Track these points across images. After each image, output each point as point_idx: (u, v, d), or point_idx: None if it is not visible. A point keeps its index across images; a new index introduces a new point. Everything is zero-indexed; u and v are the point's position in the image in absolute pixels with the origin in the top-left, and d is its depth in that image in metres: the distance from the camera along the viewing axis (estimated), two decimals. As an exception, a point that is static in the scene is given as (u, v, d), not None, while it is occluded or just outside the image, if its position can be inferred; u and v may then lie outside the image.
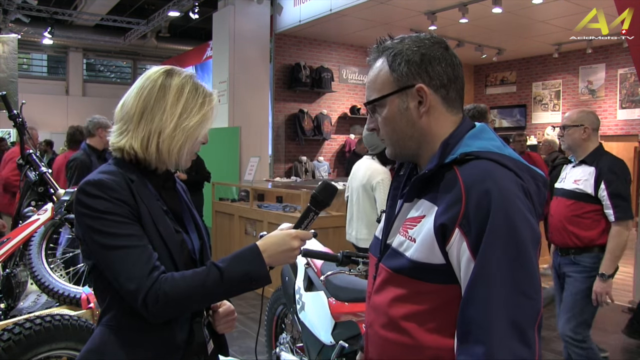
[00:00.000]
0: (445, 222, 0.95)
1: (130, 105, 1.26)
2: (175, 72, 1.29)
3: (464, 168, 0.98)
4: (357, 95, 10.06)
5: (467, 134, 1.05)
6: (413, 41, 1.06)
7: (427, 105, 1.04)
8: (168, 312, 1.16)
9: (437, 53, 1.05)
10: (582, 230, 2.78)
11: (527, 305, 0.90)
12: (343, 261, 2.13)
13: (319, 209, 1.34)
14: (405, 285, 1.03)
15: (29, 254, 2.74)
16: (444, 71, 1.04)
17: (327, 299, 2.45)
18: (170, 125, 1.24)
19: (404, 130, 1.07)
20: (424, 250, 0.99)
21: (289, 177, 8.40)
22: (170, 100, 1.25)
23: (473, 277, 0.92)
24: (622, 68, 9.34)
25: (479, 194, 0.93)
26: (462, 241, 0.93)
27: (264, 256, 1.21)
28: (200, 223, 1.41)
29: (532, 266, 0.92)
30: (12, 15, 9.79)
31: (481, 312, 0.90)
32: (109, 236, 1.15)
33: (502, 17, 7.46)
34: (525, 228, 0.92)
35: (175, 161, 1.28)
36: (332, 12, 7.40)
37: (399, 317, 1.03)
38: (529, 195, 0.97)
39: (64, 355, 2.16)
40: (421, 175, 1.03)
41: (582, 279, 2.78)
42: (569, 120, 2.86)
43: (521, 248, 0.91)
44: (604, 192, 2.69)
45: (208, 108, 1.29)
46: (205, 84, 1.33)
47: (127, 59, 16.10)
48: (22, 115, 3.21)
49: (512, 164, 0.98)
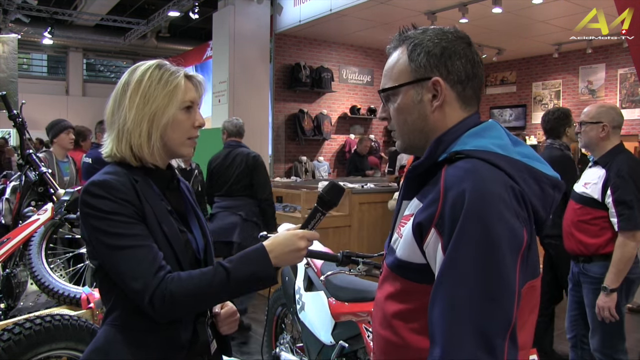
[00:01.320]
0: (421, 221, 0.94)
1: (106, 112, 1.29)
2: (139, 66, 1.29)
3: (451, 168, 0.95)
4: (357, 95, 10.05)
5: (468, 131, 1.01)
6: (436, 33, 1.04)
7: (440, 99, 1.02)
8: (174, 312, 1.16)
9: (458, 48, 1.02)
10: (589, 237, 2.58)
11: (497, 313, 0.84)
12: (343, 261, 2.13)
13: (326, 209, 1.32)
14: (396, 282, 1.03)
15: (29, 254, 2.74)
16: (463, 67, 1.02)
17: (327, 299, 2.45)
18: (130, 117, 1.23)
19: (415, 122, 1.05)
20: (406, 248, 0.98)
21: (289, 177, 8.40)
22: (129, 94, 1.25)
23: (439, 275, 0.89)
24: (622, 68, 9.34)
25: (455, 194, 0.89)
26: (438, 242, 0.90)
27: (270, 256, 1.21)
28: (205, 223, 1.41)
29: (505, 272, 0.85)
30: (12, 15, 9.78)
31: (442, 313, 0.86)
32: (114, 236, 1.15)
33: (502, 17, 7.45)
34: (502, 230, 0.86)
35: (154, 152, 1.25)
36: (332, 12, 7.39)
37: (390, 314, 1.03)
38: (522, 199, 0.91)
39: (64, 355, 2.16)
40: (410, 172, 1.03)
41: (593, 290, 2.59)
42: (587, 116, 2.63)
43: (494, 251, 0.85)
44: (609, 198, 2.49)
45: (173, 85, 1.25)
46: (172, 65, 1.30)
47: (127, 59, 16.09)
48: (22, 115, 3.21)
49: (506, 164, 0.93)
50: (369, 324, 2.22)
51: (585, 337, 2.81)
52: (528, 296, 0.96)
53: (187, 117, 1.28)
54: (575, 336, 2.88)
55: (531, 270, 0.96)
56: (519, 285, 0.87)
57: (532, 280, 0.98)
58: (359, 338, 2.28)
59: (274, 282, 1.23)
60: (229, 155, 4.22)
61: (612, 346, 2.59)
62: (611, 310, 2.49)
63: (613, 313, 2.49)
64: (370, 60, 10.16)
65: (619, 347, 2.60)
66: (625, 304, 2.64)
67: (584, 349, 2.85)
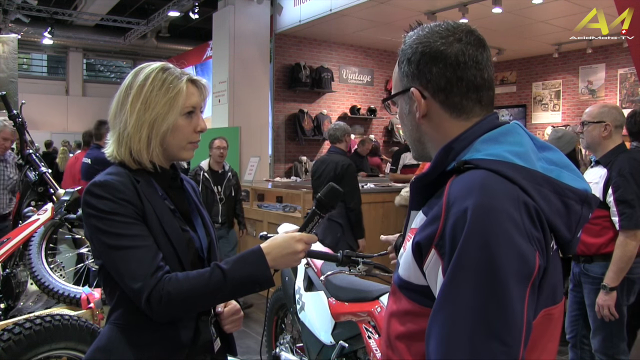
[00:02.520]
0: (420, 241, 0.84)
1: (110, 113, 1.29)
2: (143, 69, 1.29)
3: (456, 180, 0.84)
4: (357, 95, 10.05)
5: (482, 136, 0.89)
6: (419, 36, 0.94)
7: (421, 111, 0.93)
8: (171, 312, 1.16)
9: (438, 51, 0.90)
10: (590, 237, 2.57)
11: (499, 351, 0.73)
12: (343, 261, 2.13)
13: (324, 212, 1.32)
14: (400, 301, 0.93)
15: (29, 254, 2.74)
16: (442, 73, 0.90)
17: (327, 299, 2.45)
18: (130, 122, 1.24)
19: (412, 133, 0.98)
20: (406, 267, 0.90)
21: (289, 177, 8.39)
22: (131, 98, 1.25)
23: (437, 302, 0.78)
24: (622, 68, 9.34)
25: (457, 212, 0.78)
26: (438, 264, 0.81)
27: (267, 259, 1.21)
28: (209, 221, 1.41)
29: (510, 304, 0.74)
30: (12, 15, 9.78)
31: (438, 348, 0.76)
32: (114, 236, 1.16)
33: (502, 17, 7.45)
34: (508, 255, 0.74)
35: (153, 156, 1.26)
36: (332, 12, 7.39)
37: (394, 336, 0.94)
38: (537, 217, 0.80)
39: (64, 355, 2.16)
40: (416, 183, 0.94)
41: (593, 290, 2.58)
42: (589, 116, 2.61)
43: (497, 280, 0.74)
44: (610, 197, 2.49)
45: (174, 92, 1.25)
46: (177, 70, 1.30)
47: (127, 59, 16.10)
48: (22, 115, 3.21)
49: (520, 176, 0.81)
50: (369, 324, 2.22)
51: (585, 338, 2.81)
52: (543, 325, 0.85)
53: (188, 123, 1.28)
54: (575, 336, 2.88)
55: (548, 296, 0.85)
56: (529, 318, 0.77)
57: (550, 308, 0.86)
58: (359, 338, 2.28)
59: (271, 284, 1.23)
60: (325, 161, 4.35)
61: (613, 346, 2.59)
62: (611, 308, 2.49)
63: (613, 311, 2.50)
64: (370, 60, 10.15)
65: (620, 347, 2.60)
66: (626, 304, 2.64)
67: (583, 349, 2.84)
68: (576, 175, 0.90)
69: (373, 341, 2.15)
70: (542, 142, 0.94)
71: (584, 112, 2.72)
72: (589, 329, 2.72)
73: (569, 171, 0.90)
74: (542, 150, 0.92)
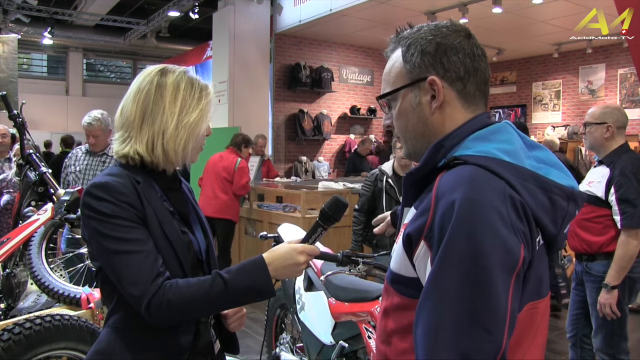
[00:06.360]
0: (410, 232, 0.87)
1: (129, 111, 1.26)
2: (169, 70, 1.29)
3: (446, 175, 0.87)
4: (357, 95, 10.05)
5: (472, 134, 0.92)
6: (429, 30, 0.96)
7: (439, 100, 0.94)
8: (171, 319, 1.16)
9: (454, 42, 0.94)
10: (592, 236, 2.60)
11: (483, 338, 0.75)
12: (343, 261, 2.12)
13: (327, 224, 1.31)
14: (392, 296, 0.96)
15: (29, 254, 2.74)
16: (462, 62, 0.93)
17: (327, 299, 2.45)
18: (171, 124, 1.24)
19: (416, 127, 0.98)
20: (397, 260, 0.93)
21: (289, 177, 8.39)
22: (167, 99, 1.25)
23: (424, 292, 0.81)
24: (622, 68, 9.34)
25: (445, 204, 0.81)
26: (427, 255, 0.83)
27: (269, 269, 1.22)
28: (206, 223, 1.41)
29: (494, 293, 0.77)
30: (12, 15, 9.78)
31: (425, 336, 0.79)
32: (114, 240, 1.15)
33: (502, 17, 7.45)
34: (493, 246, 0.77)
35: (182, 159, 1.28)
36: (332, 12, 7.39)
37: (389, 331, 0.96)
38: (522, 211, 0.83)
39: (64, 355, 2.16)
40: (407, 179, 0.96)
41: (596, 289, 2.60)
42: (591, 117, 2.63)
43: (481, 269, 0.77)
44: (612, 196, 2.51)
45: (206, 101, 1.30)
46: (199, 77, 1.33)
47: (127, 59, 16.09)
48: (22, 115, 3.20)
49: (507, 172, 0.85)
50: (369, 324, 2.22)
51: (586, 337, 2.81)
52: (529, 319, 0.88)
53: (207, 130, 1.33)
54: (576, 335, 2.88)
55: (534, 290, 0.88)
56: (513, 308, 0.79)
57: (535, 302, 0.89)
58: (359, 338, 2.28)
59: (272, 294, 1.24)
60: None
61: (614, 346, 2.60)
62: (612, 307, 2.50)
63: (614, 310, 2.50)
64: (370, 60, 10.16)
65: (622, 346, 2.61)
66: (628, 303, 2.65)
67: (584, 348, 2.84)
68: (564, 174, 0.93)
69: (373, 341, 2.15)
70: (531, 141, 0.97)
71: (587, 113, 2.74)
72: (590, 328, 2.72)
73: (557, 169, 0.93)
74: (531, 149, 0.95)
